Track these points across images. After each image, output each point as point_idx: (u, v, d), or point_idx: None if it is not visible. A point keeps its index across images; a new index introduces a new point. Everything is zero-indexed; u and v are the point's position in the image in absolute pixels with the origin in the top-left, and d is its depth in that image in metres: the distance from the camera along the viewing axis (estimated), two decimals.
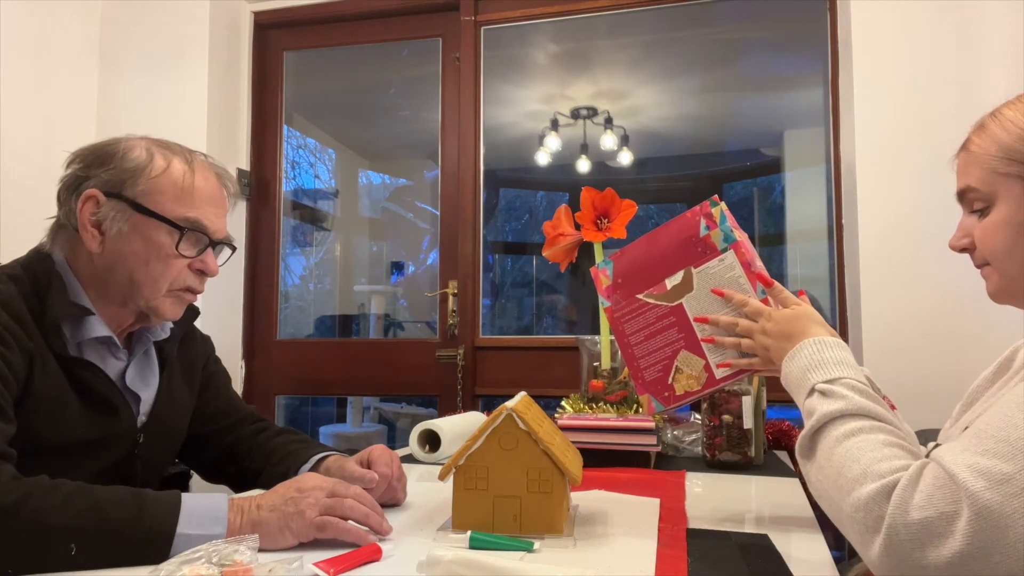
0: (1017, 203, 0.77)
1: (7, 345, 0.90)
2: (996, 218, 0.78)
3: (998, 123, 0.80)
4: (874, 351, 1.90)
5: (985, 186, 0.79)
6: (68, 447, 0.98)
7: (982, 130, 0.82)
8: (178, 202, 1.02)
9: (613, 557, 0.82)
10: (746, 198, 5.17)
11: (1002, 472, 0.60)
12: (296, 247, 3.85)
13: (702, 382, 1.01)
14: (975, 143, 0.82)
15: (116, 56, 2.46)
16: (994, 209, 0.79)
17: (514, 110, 3.94)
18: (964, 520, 0.59)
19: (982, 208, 0.80)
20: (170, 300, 1.06)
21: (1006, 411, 0.65)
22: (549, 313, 5.45)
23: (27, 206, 1.96)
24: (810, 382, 0.81)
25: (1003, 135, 0.78)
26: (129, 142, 1.04)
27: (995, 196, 0.79)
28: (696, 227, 1.03)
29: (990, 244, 0.80)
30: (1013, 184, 0.77)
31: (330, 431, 3.98)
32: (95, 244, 1.01)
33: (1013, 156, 0.77)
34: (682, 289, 1.03)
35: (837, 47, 2.15)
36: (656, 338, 1.05)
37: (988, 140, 0.80)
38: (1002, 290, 0.82)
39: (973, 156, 0.81)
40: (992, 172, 0.78)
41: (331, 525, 0.85)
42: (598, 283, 1.10)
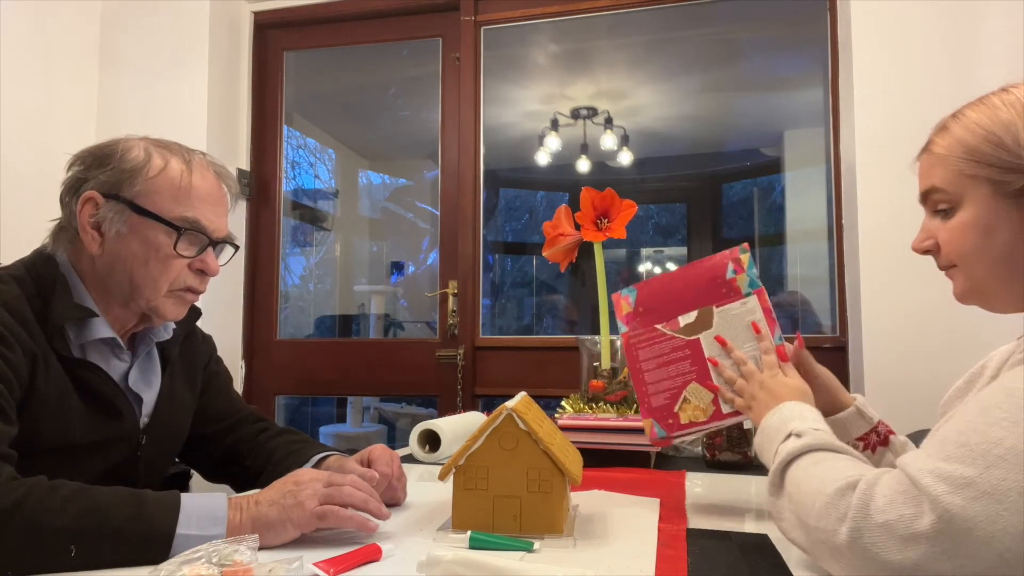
0: (984, 205, 0.76)
1: (10, 346, 0.90)
2: (963, 219, 0.78)
3: (962, 125, 0.79)
4: (874, 351, 1.90)
5: (951, 187, 0.78)
6: (71, 448, 0.98)
7: (945, 132, 0.81)
8: (176, 202, 1.02)
9: (613, 557, 0.82)
10: (746, 198, 5.18)
11: (963, 476, 0.60)
12: (296, 247, 3.86)
13: (708, 414, 1.05)
14: (939, 144, 0.81)
15: (116, 56, 2.46)
16: (960, 210, 0.78)
17: (514, 110, 3.94)
18: (927, 523, 0.60)
19: (947, 209, 0.80)
20: (171, 300, 1.05)
21: (968, 417, 0.65)
22: (549, 313, 5.46)
23: (27, 206, 1.96)
24: (788, 429, 0.84)
25: (968, 137, 0.77)
26: (127, 143, 1.04)
27: (961, 197, 0.78)
28: (724, 270, 1.08)
29: (957, 246, 0.79)
30: (980, 186, 0.76)
31: (330, 431, 3.98)
32: (95, 246, 1.01)
33: (979, 158, 0.76)
34: (701, 325, 1.07)
35: (837, 47, 2.15)
36: (669, 367, 1.08)
37: (953, 141, 0.79)
38: (969, 291, 0.81)
39: (938, 157, 0.81)
40: (959, 174, 0.78)
41: (332, 513, 0.85)
42: (618, 308, 1.13)
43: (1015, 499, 0.58)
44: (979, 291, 0.80)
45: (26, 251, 1.06)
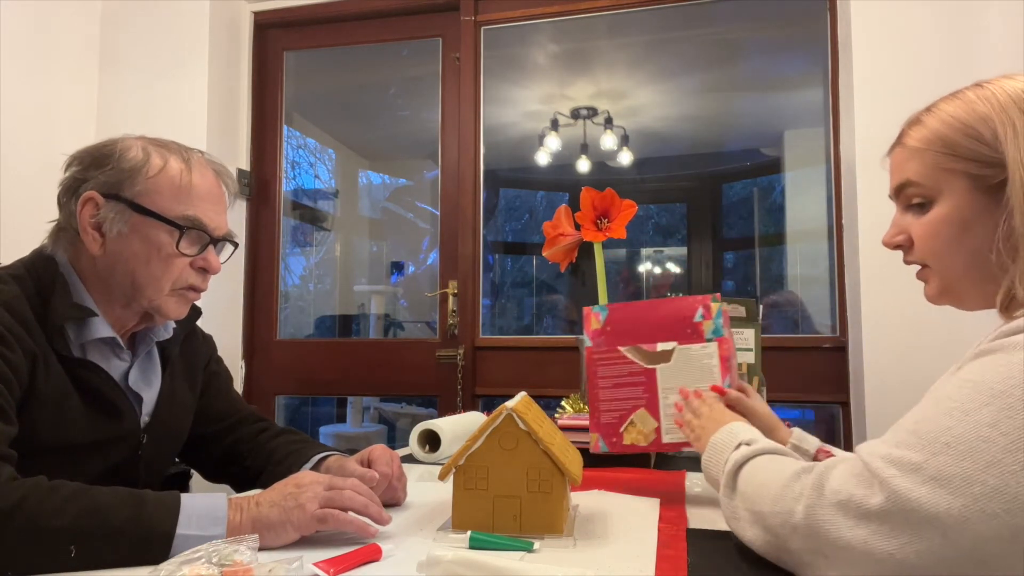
0: (961, 199, 0.75)
1: (10, 346, 0.90)
2: (939, 214, 0.77)
3: (937, 118, 0.78)
4: (874, 351, 1.90)
5: (928, 180, 0.77)
6: (72, 448, 0.98)
7: (920, 125, 0.80)
8: (176, 200, 1.02)
9: (613, 557, 0.82)
10: (746, 198, 5.18)
11: (911, 461, 0.63)
12: (296, 247, 3.86)
13: (649, 441, 1.14)
14: (913, 137, 0.80)
15: (116, 56, 2.46)
16: (937, 205, 0.77)
17: (514, 110, 3.95)
18: (876, 503, 0.63)
19: (921, 203, 0.79)
20: (174, 299, 1.06)
21: (924, 407, 0.68)
22: (549, 313, 5.46)
23: (27, 206, 1.96)
24: (737, 440, 0.87)
25: (945, 130, 0.76)
26: (125, 142, 1.04)
27: (937, 192, 0.77)
28: (693, 312, 1.14)
29: (932, 242, 0.78)
30: (957, 180, 0.75)
31: (330, 431, 3.98)
32: (96, 246, 1.01)
33: (957, 151, 0.75)
34: (661, 358, 1.15)
35: (837, 47, 2.15)
36: (623, 389, 1.16)
37: (929, 134, 0.78)
38: (943, 291, 0.81)
39: (912, 151, 0.79)
40: (935, 167, 0.77)
41: (332, 517, 0.85)
42: (587, 322, 1.19)
43: (958, 484, 0.60)
44: (952, 290, 0.80)
45: (26, 251, 1.06)
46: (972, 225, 0.75)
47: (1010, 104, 0.74)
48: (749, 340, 1.50)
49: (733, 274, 5.30)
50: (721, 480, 0.85)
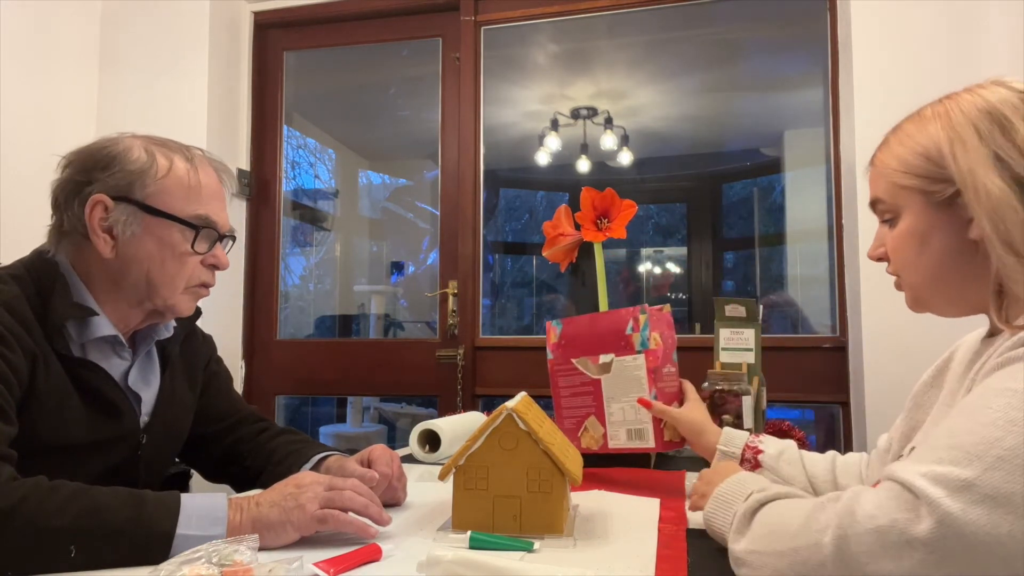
0: (918, 215, 0.79)
1: (10, 346, 0.90)
2: (902, 228, 0.81)
3: (897, 138, 0.83)
4: (874, 351, 1.90)
5: (890, 198, 0.82)
6: (72, 448, 0.98)
7: (885, 146, 0.85)
8: (187, 201, 1.03)
9: (613, 557, 0.82)
10: (746, 198, 5.17)
11: (961, 478, 0.57)
12: (296, 247, 3.85)
13: (599, 445, 1.25)
14: (878, 157, 0.85)
15: (116, 56, 2.46)
16: (901, 220, 0.81)
17: (514, 110, 3.94)
18: (924, 528, 0.56)
19: (890, 219, 0.83)
20: (187, 297, 1.07)
21: (957, 420, 0.63)
22: (549, 313, 5.45)
23: (27, 206, 1.96)
24: (747, 488, 0.81)
25: (901, 149, 0.81)
26: (125, 142, 1.04)
27: (900, 208, 0.81)
28: (625, 325, 1.23)
29: (900, 254, 0.83)
30: (913, 197, 0.79)
31: (330, 431, 3.98)
32: (108, 249, 1.01)
33: (911, 170, 0.79)
34: (604, 369, 1.24)
35: (837, 47, 2.15)
36: (577, 398, 1.27)
37: (889, 155, 0.83)
38: (914, 301, 0.85)
39: (877, 171, 0.85)
40: (895, 186, 0.81)
41: (332, 517, 0.86)
42: (548, 335, 1.31)
43: (1019, 502, 0.55)
44: (922, 299, 0.84)
45: (26, 251, 1.06)
46: (930, 238, 0.79)
47: (963, 121, 0.76)
48: (749, 340, 1.50)
49: (733, 274, 5.30)
50: (730, 528, 0.76)
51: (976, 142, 0.74)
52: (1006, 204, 0.70)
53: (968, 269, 0.77)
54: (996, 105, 0.75)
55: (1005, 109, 0.75)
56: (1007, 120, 0.74)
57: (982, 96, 0.77)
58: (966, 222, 0.75)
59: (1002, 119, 0.74)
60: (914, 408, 0.93)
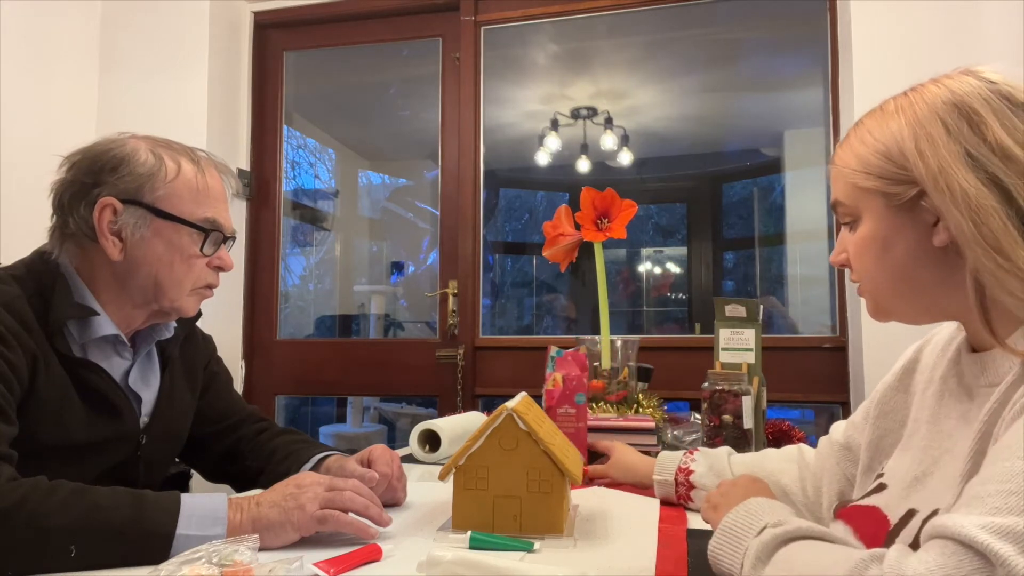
0: (878, 219, 0.73)
1: (10, 347, 0.90)
2: (863, 233, 0.75)
3: (857, 136, 0.76)
4: (874, 351, 1.90)
5: (850, 200, 0.76)
6: (72, 448, 0.98)
7: (845, 143, 0.78)
8: (196, 204, 1.04)
9: (613, 557, 0.82)
10: (746, 198, 5.17)
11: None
12: (296, 247, 3.85)
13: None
14: (838, 156, 0.78)
15: (116, 56, 2.46)
16: (861, 224, 0.75)
17: (514, 110, 3.94)
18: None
19: (850, 223, 0.77)
20: (193, 298, 1.09)
21: (1000, 464, 0.55)
22: (549, 313, 5.46)
23: (27, 206, 1.95)
24: (759, 521, 0.70)
25: (861, 148, 0.75)
26: (131, 144, 1.04)
27: (858, 211, 0.75)
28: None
29: (861, 260, 0.76)
30: (873, 199, 0.73)
31: (330, 431, 3.98)
32: (116, 252, 1.01)
33: (869, 170, 0.73)
34: None
35: (837, 47, 2.15)
36: None
37: (848, 154, 0.76)
38: (876, 309, 0.78)
39: (837, 171, 0.78)
40: (854, 187, 0.75)
41: (332, 518, 0.86)
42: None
43: None
44: (885, 307, 0.77)
45: (26, 251, 1.06)
46: (892, 243, 0.72)
47: (928, 114, 0.70)
48: (749, 340, 1.50)
49: (733, 274, 5.30)
50: (740, 569, 0.67)
51: (945, 138, 0.67)
52: (986, 205, 0.63)
53: (934, 275, 0.70)
54: (964, 98, 0.69)
55: (974, 102, 0.68)
56: (976, 114, 0.67)
57: (949, 87, 0.71)
58: (930, 226, 0.69)
59: (971, 113, 0.68)
60: (880, 416, 0.86)
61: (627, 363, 1.57)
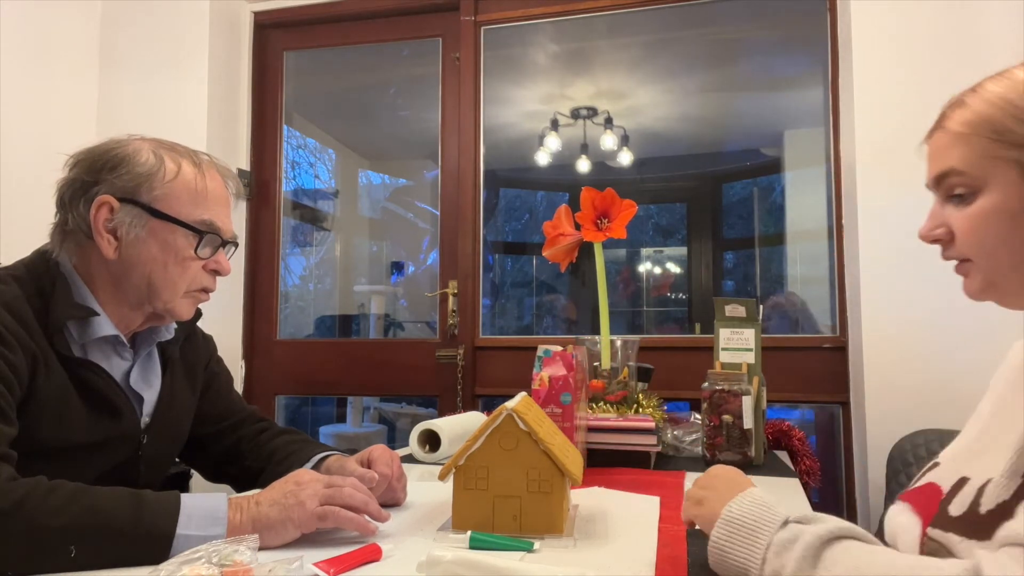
0: (1010, 190, 0.67)
1: (10, 347, 0.90)
2: (985, 206, 0.69)
3: (984, 100, 0.70)
4: (874, 351, 1.90)
5: (974, 169, 0.69)
6: (72, 449, 0.98)
7: (964, 107, 0.72)
8: (194, 205, 1.04)
9: (613, 557, 0.82)
10: (746, 198, 5.17)
11: None
12: (296, 247, 3.85)
13: None
14: (956, 121, 0.72)
15: (116, 56, 2.46)
16: (982, 196, 0.69)
17: (514, 110, 3.94)
18: None
19: (964, 194, 0.71)
20: (187, 301, 1.08)
21: None
22: (549, 313, 5.45)
23: (27, 206, 1.96)
24: (777, 515, 0.67)
25: (994, 112, 0.69)
26: (134, 145, 1.04)
27: (985, 182, 0.69)
28: None
29: (978, 236, 0.70)
30: (1008, 169, 0.67)
31: (330, 431, 3.98)
32: (111, 250, 1.01)
33: (1008, 137, 0.67)
34: None
35: (837, 47, 2.15)
36: None
37: (975, 118, 0.70)
38: (988, 287, 0.72)
39: (956, 136, 0.71)
40: (982, 155, 0.68)
41: (332, 514, 0.86)
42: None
43: None
44: (999, 286, 0.71)
45: (26, 251, 1.06)
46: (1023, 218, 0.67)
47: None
48: (749, 340, 1.50)
49: (733, 274, 5.30)
50: (762, 563, 0.64)
51: None
52: None
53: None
54: None
55: None
56: None
57: None
58: None
59: None
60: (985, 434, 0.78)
61: (627, 363, 1.57)
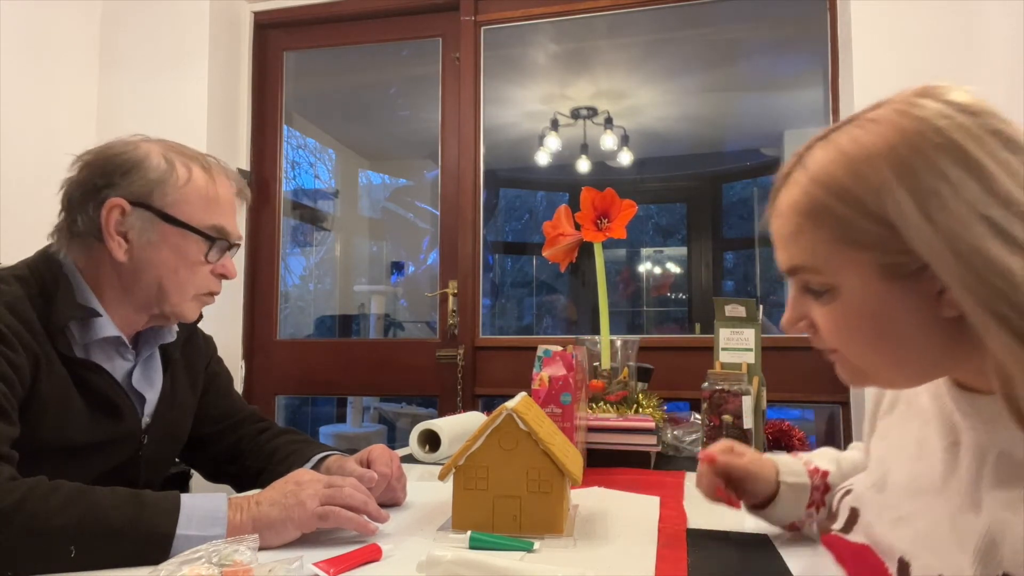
0: (868, 289, 0.57)
1: (12, 348, 0.90)
2: (844, 307, 0.59)
3: (810, 177, 0.59)
4: None
5: (822, 265, 0.59)
6: (73, 449, 0.98)
7: (789, 185, 0.61)
8: (205, 211, 1.05)
9: (613, 557, 0.82)
10: (746, 198, 5.18)
11: None
12: (296, 247, 3.86)
13: None
14: (786, 204, 0.61)
15: (116, 56, 2.46)
16: (839, 295, 0.59)
17: (514, 110, 3.94)
18: None
19: (819, 291, 0.61)
20: (194, 304, 1.09)
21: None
22: (549, 313, 5.46)
23: (27, 206, 1.96)
24: None
25: (821, 195, 0.58)
26: (144, 148, 1.04)
27: (837, 280, 0.59)
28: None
29: (842, 337, 0.61)
30: (860, 268, 0.57)
31: (330, 431, 3.98)
32: (121, 253, 1.01)
33: (846, 233, 0.56)
34: None
35: (837, 47, 2.15)
36: None
37: (806, 201, 0.59)
38: (860, 378, 0.63)
39: (792, 226, 0.60)
40: (827, 250, 0.58)
41: (333, 514, 0.86)
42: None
43: None
44: (872, 377, 0.63)
45: (26, 251, 1.06)
46: (891, 319, 0.57)
47: (908, 150, 0.54)
48: (749, 340, 1.50)
49: (733, 274, 5.31)
50: None
51: (952, 197, 0.52)
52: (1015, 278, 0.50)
53: (944, 347, 0.56)
54: (953, 137, 0.54)
55: (966, 141, 0.54)
56: (974, 159, 0.53)
57: (928, 123, 0.55)
58: (935, 295, 0.55)
59: (967, 159, 0.53)
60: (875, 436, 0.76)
61: (627, 363, 1.57)
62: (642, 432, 1.37)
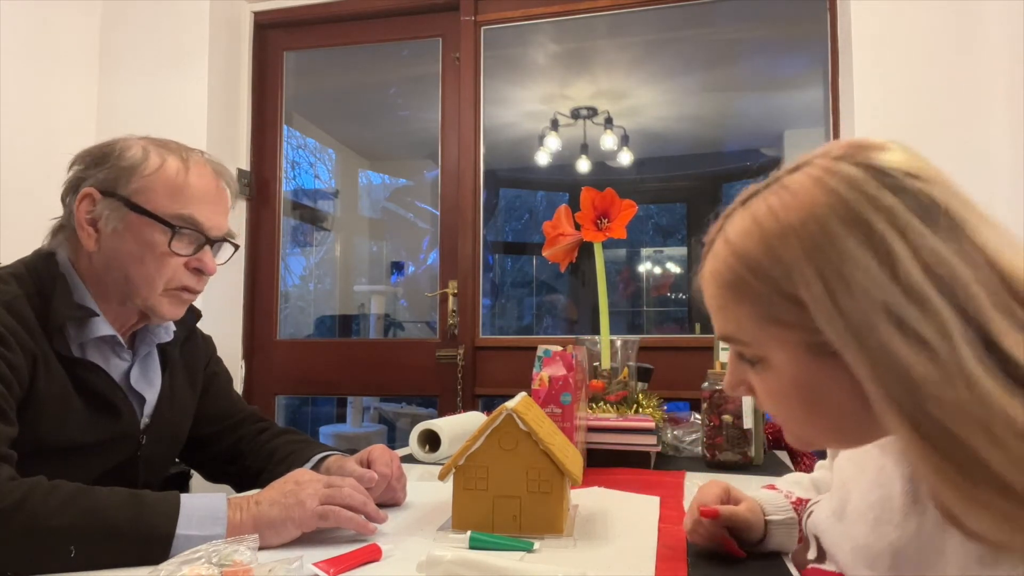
0: (797, 364, 0.56)
1: (10, 347, 0.90)
2: (775, 379, 0.58)
3: (729, 248, 0.58)
4: None
5: (749, 338, 0.58)
6: (72, 449, 0.98)
7: (711, 257, 0.60)
8: (171, 200, 1.02)
9: (613, 557, 0.82)
10: None
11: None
12: (296, 247, 3.85)
13: None
14: (710, 273, 0.60)
15: (116, 56, 2.46)
16: (769, 367, 0.58)
17: (514, 110, 3.94)
18: None
19: (752, 360, 0.60)
20: (167, 300, 1.05)
21: None
22: (549, 313, 5.46)
23: (27, 206, 1.96)
24: None
25: (739, 268, 0.56)
26: (127, 141, 1.05)
27: (765, 353, 0.57)
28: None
29: (776, 406, 0.60)
30: (784, 345, 0.56)
31: (330, 431, 3.98)
32: (91, 242, 1.01)
33: (768, 310, 0.55)
34: None
35: (837, 47, 2.15)
36: None
37: (727, 273, 0.58)
38: (802, 443, 0.63)
39: (719, 299, 0.59)
40: (751, 324, 0.57)
41: (332, 513, 0.86)
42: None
43: None
44: (813, 443, 0.63)
45: (26, 251, 1.06)
46: (822, 391, 0.56)
47: (817, 227, 0.52)
48: None
49: None
50: None
51: (855, 278, 0.50)
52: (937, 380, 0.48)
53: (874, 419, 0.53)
54: (859, 211, 0.51)
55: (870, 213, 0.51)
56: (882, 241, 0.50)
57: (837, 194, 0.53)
58: None
59: (874, 239, 0.51)
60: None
61: (627, 363, 1.57)
62: (642, 432, 1.37)
